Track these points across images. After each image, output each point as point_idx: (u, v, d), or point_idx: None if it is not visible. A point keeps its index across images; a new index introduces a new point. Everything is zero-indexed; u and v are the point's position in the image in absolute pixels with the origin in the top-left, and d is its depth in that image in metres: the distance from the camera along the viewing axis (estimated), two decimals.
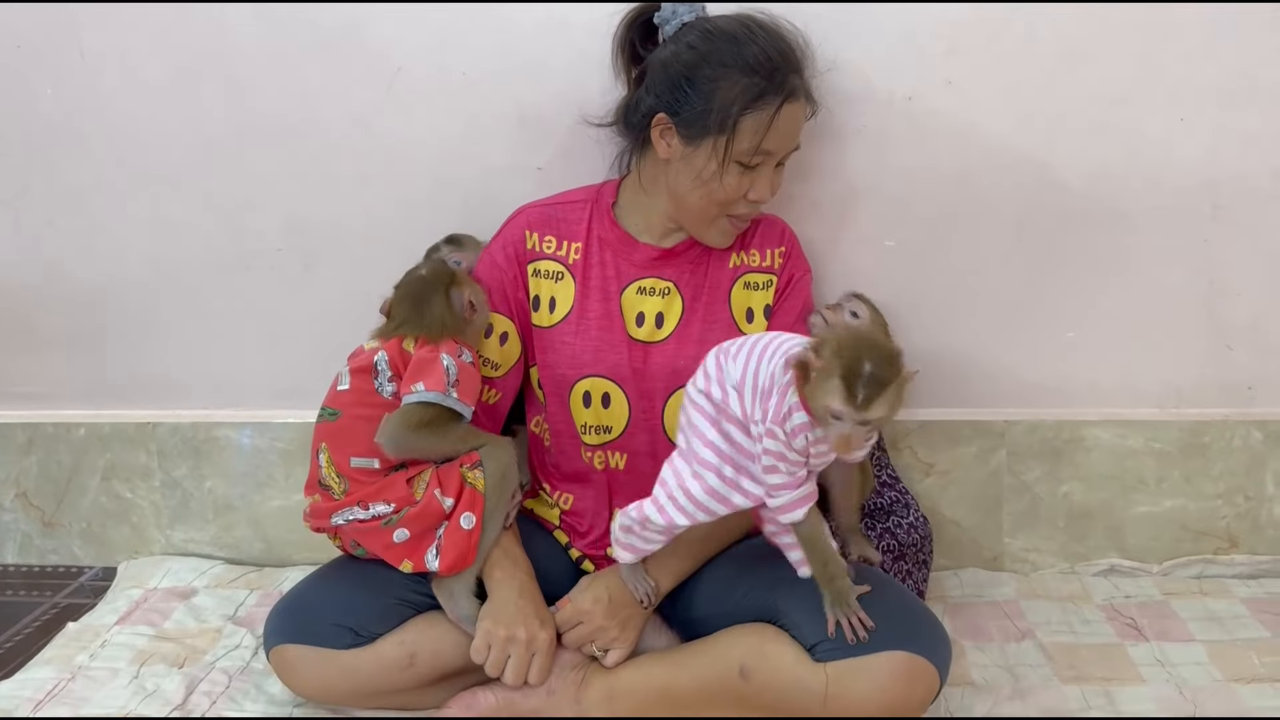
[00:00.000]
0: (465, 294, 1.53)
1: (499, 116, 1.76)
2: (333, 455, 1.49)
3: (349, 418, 1.49)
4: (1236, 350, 1.78)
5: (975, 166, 1.72)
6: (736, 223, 1.56)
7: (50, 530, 2.04)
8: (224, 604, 1.82)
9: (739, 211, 1.53)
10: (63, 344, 1.97)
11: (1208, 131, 1.69)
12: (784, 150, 1.51)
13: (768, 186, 1.51)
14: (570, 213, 1.62)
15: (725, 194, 1.50)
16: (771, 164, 1.50)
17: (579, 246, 1.60)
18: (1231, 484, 1.80)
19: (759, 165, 1.49)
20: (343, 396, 1.51)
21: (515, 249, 1.61)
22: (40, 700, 1.55)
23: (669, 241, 1.59)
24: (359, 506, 1.47)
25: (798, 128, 1.51)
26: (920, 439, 1.83)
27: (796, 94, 1.48)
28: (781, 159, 1.52)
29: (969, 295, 1.78)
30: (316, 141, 1.80)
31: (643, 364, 1.57)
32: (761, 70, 1.45)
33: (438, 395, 1.46)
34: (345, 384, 1.52)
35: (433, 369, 1.47)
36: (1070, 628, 1.66)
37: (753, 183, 1.50)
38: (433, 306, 1.52)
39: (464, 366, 1.50)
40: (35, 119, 1.85)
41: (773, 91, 1.45)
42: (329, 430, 1.50)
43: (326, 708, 1.51)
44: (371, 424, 1.48)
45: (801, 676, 1.31)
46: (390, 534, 1.46)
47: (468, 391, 1.49)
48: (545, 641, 1.42)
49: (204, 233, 1.87)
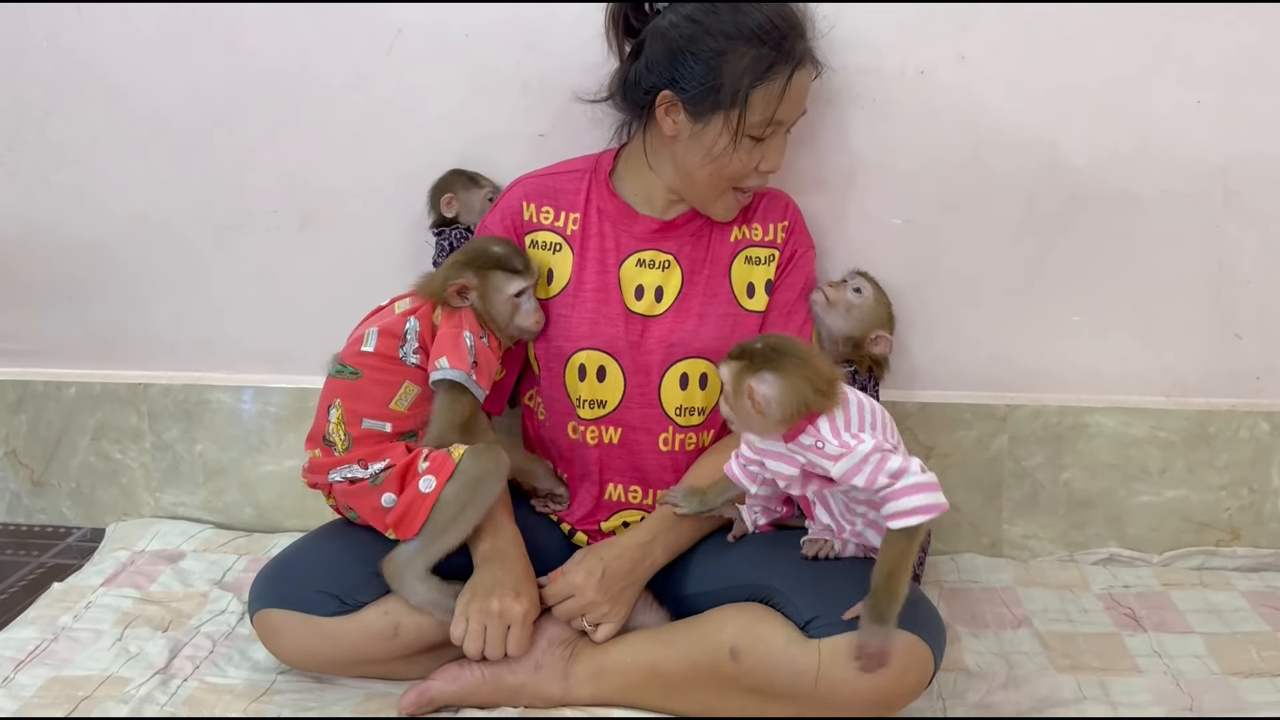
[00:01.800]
0: (463, 282, 1.49)
1: (501, 81, 1.72)
2: (345, 413, 1.47)
3: (369, 380, 1.47)
4: (1245, 339, 1.75)
5: (985, 145, 1.68)
6: (743, 196, 1.54)
7: (39, 490, 2.02)
8: (212, 568, 1.80)
9: (749, 184, 1.51)
10: (54, 301, 1.94)
11: (1221, 115, 1.65)
12: (795, 118, 1.49)
13: (778, 155, 1.49)
14: (568, 183, 1.59)
15: (736, 168, 1.47)
16: (782, 133, 1.49)
17: (577, 217, 1.57)
18: (1236, 475, 1.77)
19: (770, 136, 1.46)
20: (367, 358, 1.48)
21: (512, 220, 1.58)
22: (22, 660, 1.54)
23: (670, 214, 1.57)
24: (359, 465, 1.45)
25: (806, 93, 1.49)
26: (920, 421, 1.80)
27: (805, 60, 1.45)
28: (790, 126, 1.49)
29: (974, 276, 1.75)
30: (315, 101, 1.77)
31: (640, 337, 1.54)
32: (769, 39, 1.41)
33: (461, 375, 1.44)
34: (370, 345, 1.48)
35: (457, 346, 1.46)
36: (1067, 616, 1.63)
37: (764, 154, 1.48)
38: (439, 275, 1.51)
39: (483, 348, 1.48)
40: (29, 72, 1.82)
41: (782, 61, 1.42)
42: (346, 388, 1.47)
43: (310, 675, 1.49)
44: (390, 389, 1.46)
45: (793, 657, 1.29)
46: (378, 495, 1.44)
47: (485, 374, 1.48)
48: (519, 614, 1.38)
49: (198, 191, 1.85)
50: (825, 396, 1.28)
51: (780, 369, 1.27)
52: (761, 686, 1.32)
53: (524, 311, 1.52)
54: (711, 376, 1.55)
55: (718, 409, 1.55)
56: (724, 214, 1.55)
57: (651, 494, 1.56)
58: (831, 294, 1.61)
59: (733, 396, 1.30)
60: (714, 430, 1.57)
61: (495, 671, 1.42)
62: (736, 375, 1.29)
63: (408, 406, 1.47)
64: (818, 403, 1.28)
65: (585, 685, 1.41)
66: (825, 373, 1.30)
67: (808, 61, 1.46)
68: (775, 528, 1.51)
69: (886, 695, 1.29)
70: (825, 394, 1.28)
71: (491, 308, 1.51)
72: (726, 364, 1.31)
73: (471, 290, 1.50)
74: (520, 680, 1.41)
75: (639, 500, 1.56)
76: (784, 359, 1.28)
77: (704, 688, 1.36)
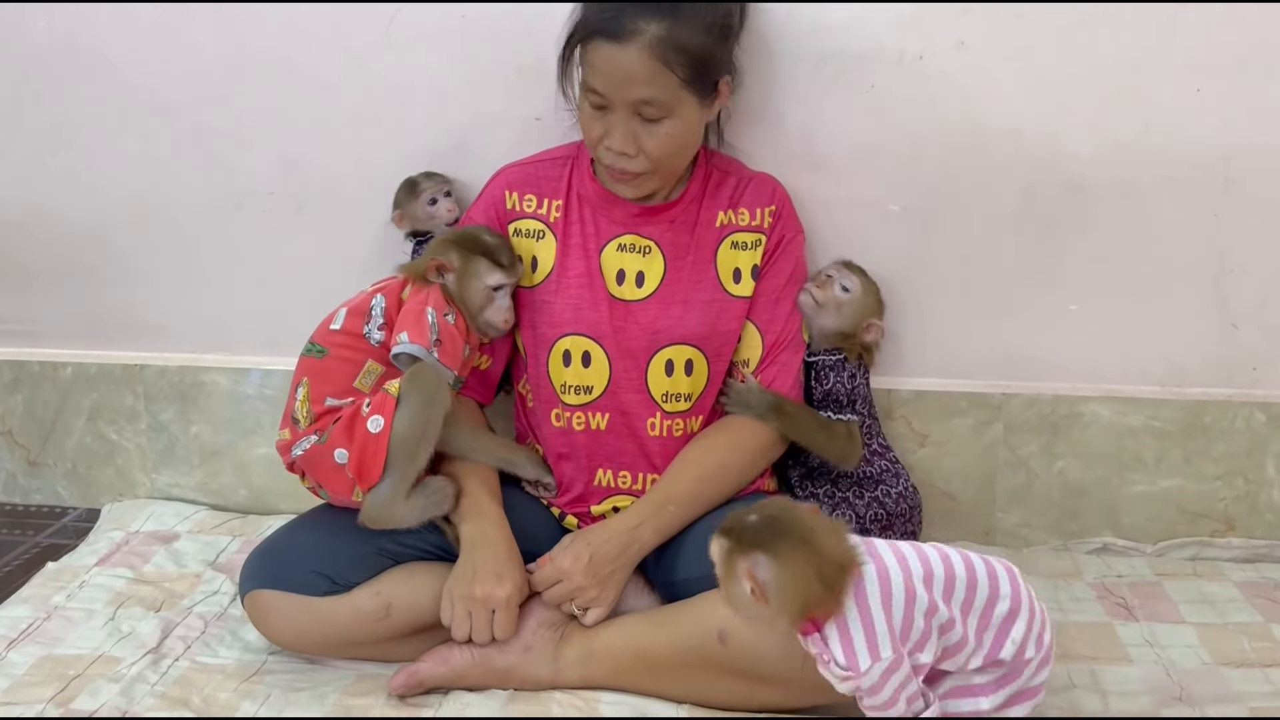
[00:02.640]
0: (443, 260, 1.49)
1: (498, 63, 1.72)
2: (310, 390, 1.47)
3: (334, 358, 1.48)
4: (1242, 329, 1.74)
5: (984, 131, 1.67)
6: (614, 173, 1.49)
7: (34, 469, 2.02)
8: (205, 549, 1.80)
9: (604, 160, 1.47)
10: (50, 281, 1.94)
11: (1223, 103, 1.64)
12: (613, 95, 1.40)
13: (619, 136, 1.43)
14: (550, 170, 1.59)
15: (585, 131, 1.47)
16: (620, 112, 1.42)
17: (559, 204, 1.56)
18: (1231, 466, 1.77)
19: (606, 109, 1.42)
20: (334, 336, 1.49)
21: (496, 210, 1.58)
22: (14, 639, 1.54)
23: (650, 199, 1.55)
24: (316, 435, 1.45)
25: (619, 72, 1.39)
26: (915, 409, 1.79)
27: (614, 33, 1.38)
28: (641, 112, 1.41)
29: (971, 263, 1.74)
30: (312, 81, 1.77)
31: (624, 322, 1.54)
32: (598, 4, 1.41)
33: (420, 350, 1.43)
34: (339, 323, 1.49)
35: (418, 321, 1.45)
36: (1059, 605, 1.63)
37: (607, 129, 1.44)
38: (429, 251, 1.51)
39: (447, 326, 1.47)
40: (26, 51, 1.81)
41: (589, 26, 1.41)
42: (313, 366, 1.48)
43: (302, 657, 1.50)
44: (354, 366, 1.47)
45: (780, 642, 1.29)
46: (330, 453, 1.43)
47: (450, 353, 1.46)
48: (503, 598, 1.38)
49: (195, 172, 1.84)
50: (832, 593, 1.11)
51: (776, 553, 1.11)
52: (750, 670, 1.33)
53: (496, 306, 1.51)
54: (697, 363, 1.54)
55: (705, 395, 1.56)
56: (611, 187, 1.53)
57: (641, 478, 1.55)
58: (819, 295, 1.60)
59: (725, 581, 1.14)
60: (703, 416, 1.57)
61: (485, 654, 1.42)
62: (726, 556, 1.13)
63: (371, 385, 1.47)
64: (822, 603, 1.12)
65: (574, 668, 1.41)
66: (834, 555, 1.12)
67: (628, 39, 1.37)
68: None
69: None
70: (832, 588, 1.11)
71: (466, 293, 1.50)
72: (716, 540, 1.15)
73: (450, 271, 1.49)
74: (510, 663, 1.42)
75: (628, 485, 1.56)
76: (782, 540, 1.11)
77: (693, 671, 1.36)
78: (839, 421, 1.60)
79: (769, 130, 1.68)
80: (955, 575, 1.18)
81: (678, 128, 1.44)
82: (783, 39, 1.64)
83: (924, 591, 1.16)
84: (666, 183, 1.53)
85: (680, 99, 1.42)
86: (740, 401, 1.56)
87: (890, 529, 1.62)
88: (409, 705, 1.40)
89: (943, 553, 1.21)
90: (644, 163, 1.45)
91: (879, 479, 1.63)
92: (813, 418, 1.59)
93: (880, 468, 1.64)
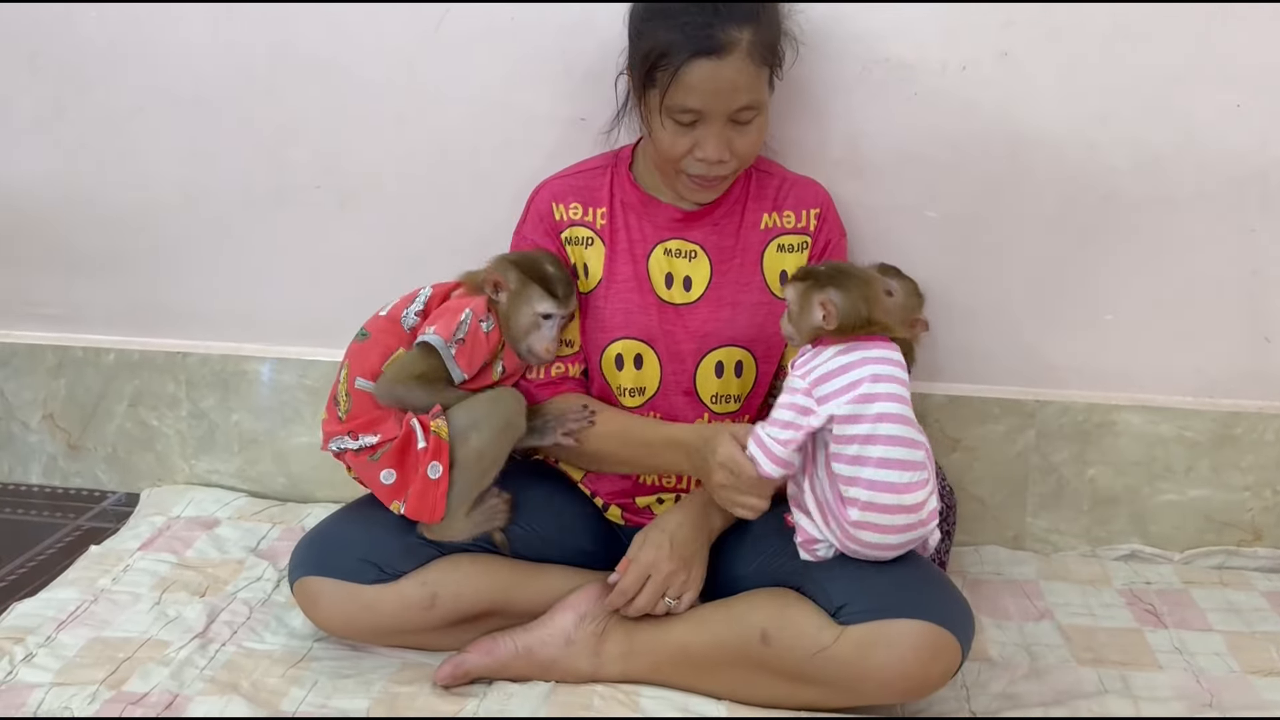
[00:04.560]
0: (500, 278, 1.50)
1: (545, 64, 1.73)
2: (349, 372, 1.50)
3: (373, 341, 1.50)
4: (1275, 342, 1.76)
5: (1024, 141, 1.69)
6: (699, 181, 1.49)
7: (75, 453, 2.05)
8: (247, 536, 1.83)
9: (693, 171, 1.47)
10: (94, 268, 1.97)
11: (1262, 118, 1.66)
12: (713, 108, 1.41)
13: (713, 146, 1.43)
14: (591, 180, 1.60)
15: (667, 149, 1.46)
16: (714, 122, 1.42)
17: (604, 211, 1.58)
18: (1260, 477, 1.79)
19: (697, 123, 1.43)
20: (378, 321, 1.52)
21: (546, 224, 1.58)
22: (63, 620, 1.57)
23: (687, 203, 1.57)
24: (349, 436, 1.47)
25: (723, 85, 1.39)
26: (949, 414, 1.82)
27: (713, 49, 1.38)
28: (736, 117, 1.43)
29: (1008, 271, 1.76)
30: (359, 78, 1.79)
31: (674, 325, 1.56)
32: (678, 21, 1.40)
33: (439, 341, 1.44)
34: (386, 310, 1.53)
35: (451, 318, 1.46)
36: (1089, 610, 1.66)
37: (696, 141, 1.44)
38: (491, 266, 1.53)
39: (477, 330, 1.47)
40: (75, 40, 1.84)
41: (679, 47, 1.39)
42: (356, 350, 1.51)
43: (347, 644, 1.52)
44: (386, 351, 1.49)
45: (823, 643, 1.31)
46: (378, 471, 1.46)
47: (469, 356, 1.46)
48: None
49: (240, 164, 1.87)
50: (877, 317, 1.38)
51: (844, 286, 1.37)
52: (790, 670, 1.35)
53: (541, 335, 1.51)
54: (747, 364, 1.56)
55: (753, 395, 1.58)
56: (687, 195, 1.53)
57: (686, 479, 1.58)
58: None
59: (800, 314, 1.39)
60: (750, 417, 1.59)
61: (528, 646, 1.45)
62: (804, 292, 1.38)
63: None
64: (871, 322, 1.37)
65: (615, 663, 1.44)
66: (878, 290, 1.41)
67: (722, 51, 1.37)
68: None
69: (913, 683, 1.31)
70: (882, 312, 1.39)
71: (515, 315, 1.51)
72: (791, 285, 1.40)
73: (504, 291, 1.50)
74: (552, 655, 1.44)
75: (673, 484, 1.58)
76: (847, 277, 1.39)
77: (733, 669, 1.39)
78: None
79: (814, 135, 1.70)
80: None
81: (763, 121, 1.48)
82: (828, 44, 1.66)
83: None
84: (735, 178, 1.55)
85: (765, 93, 1.46)
86: None
87: None
88: (454, 694, 1.43)
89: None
90: (734, 165, 1.48)
91: None
92: None
93: None
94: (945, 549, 1.70)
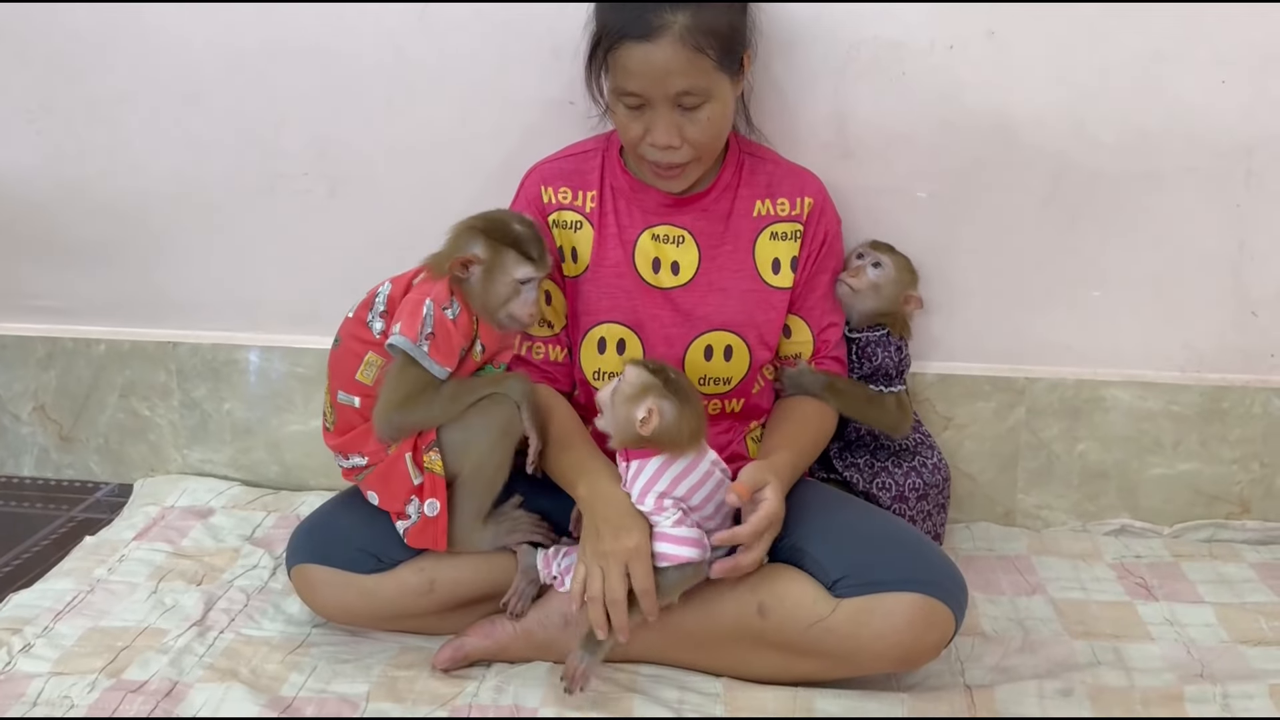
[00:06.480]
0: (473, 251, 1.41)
1: (531, 47, 1.73)
2: (330, 384, 1.48)
3: (343, 349, 1.46)
4: (1261, 317, 1.77)
5: (1011, 120, 1.70)
6: (656, 169, 1.49)
7: (67, 445, 2.05)
8: (241, 525, 1.83)
9: (650, 157, 1.47)
10: (84, 258, 1.96)
11: (1247, 95, 1.67)
12: (651, 92, 1.41)
13: (661, 131, 1.43)
14: (582, 163, 1.60)
15: (623, 134, 1.48)
16: (659, 106, 1.42)
17: (594, 195, 1.58)
18: (1248, 450, 1.80)
19: (644, 108, 1.43)
20: (346, 324, 1.47)
21: (535, 205, 1.59)
22: (60, 611, 1.57)
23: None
24: (341, 455, 1.47)
25: (655, 68, 1.38)
26: (939, 392, 1.83)
27: (644, 32, 1.37)
28: (681, 103, 1.41)
29: (996, 249, 1.77)
30: (347, 64, 1.78)
31: (661, 309, 1.56)
32: (618, 4, 1.41)
33: (408, 344, 1.37)
34: (352, 311, 1.48)
35: (414, 312, 1.38)
36: (1081, 584, 1.67)
37: (647, 126, 1.44)
38: (449, 238, 1.45)
39: (443, 320, 1.38)
40: (62, 28, 1.82)
41: (614, 29, 1.40)
42: (332, 358, 1.48)
43: (345, 629, 1.53)
44: (356, 359, 1.43)
45: (819, 615, 1.33)
46: (366, 490, 1.47)
47: (443, 348, 1.38)
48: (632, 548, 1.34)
49: (229, 152, 1.86)
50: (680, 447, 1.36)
51: (683, 406, 1.35)
52: (787, 643, 1.36)
53: (523, 300, 1.43)
54: (737, 348, 1.57)
55: (746, 380, 1.58)
56: (654, 183, 1.53)
57: None
58: (854, 282, 1.63)
59: (625, 401, 1.35)
60: (744, 399, 1.60)
61: (527, 627, 1.45)
62: (643, 386, 1.35)
63: (373, 379, 1.42)
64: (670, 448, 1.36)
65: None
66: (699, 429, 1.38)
67: (655, 35, 1.37)
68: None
69: (908, 653, 1.34)
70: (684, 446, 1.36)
71: (492, 285, 1.41)
72: (635, 368, 1.37)
73: (476, 266, 1.41)
74: (551, 636, 1.45)
75: None
76: (688, 403, 1.36)
77: (731, 644, 1.40)
78: (889, 394, 1.65)
79: (801, 117, 1.71)
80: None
81: (717, 110, 1.45)
82: (816, 25, 1.67)
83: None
84: (707, 168, 1.54)
85: (715, 81, 1.43)
86: (796, 384, 1.60)
87: (925, 499, 1.67)
88: (453, 676, 1.43)
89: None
90: (689, 152, 1.46)
91: (915, 450, 1.69)
92: (864, 392, 1.65)
93: (915, 440, 1.69)
94: (941, 521, 1.72)
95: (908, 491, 1.65)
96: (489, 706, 1.37)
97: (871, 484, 1.65)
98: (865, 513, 1.50)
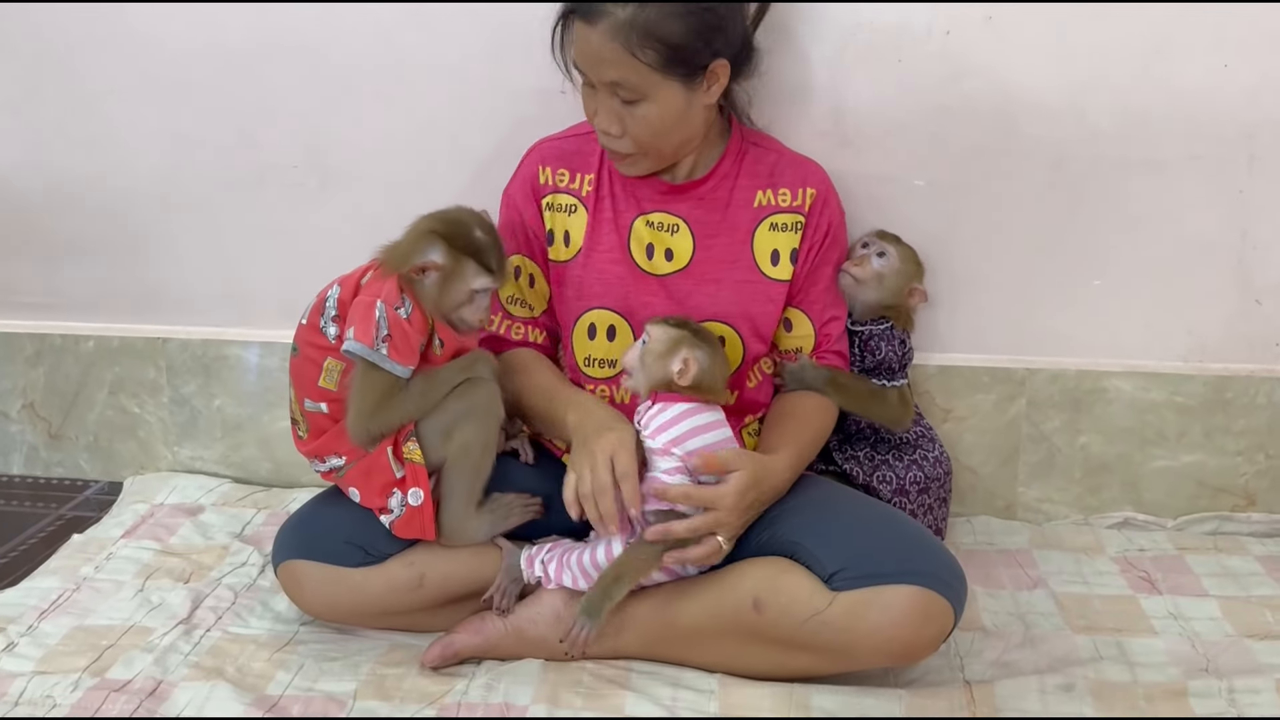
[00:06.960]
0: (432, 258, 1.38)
1: (521, 36, 1.70)
2: (295, 392, 1.46)
3: (303, 357, 1.44)
4: (1265, 305, 1.75)
5: (1011, 106, 1.67)
6: (612, 156, 1.49)
7: (56, 442, 2.03)
8: (231, 522, 1.81)
9: (600, 139, 1.47)
10: (71, 253, 1.94)
11: (1250, 79, 1.64)
12: (588, 73, 1.40)
13: (602, 114, 1.42)
14: (584, 145, 1.58)
15: (585, 109, 1.46)
16: (601, 92, 1.41)
17: (591, 178, 1.56)
18: (1253, 441, 1.78)
19: (593, 88, 1.42)
20: (300, 331, 1.45)
21: (531, 185, 1.57)
22: (45, 609, 1.55)
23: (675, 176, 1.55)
24: (317, 459, 1.45)
25: (589, 51, 1.37)
26: (939, 384, 1.80)
27: (585, 13, 1.36)
28: (618, 94, 1.39)
29: (996, 238, 1.74)
30: (337, 56, 1.76)
31: (654, 296, 1.54)
32: None
33: (364, 349, 1.35)
34: (305, 317, 1.45)
35: (366, 316, 1.36)
36: (1083, 578, 1.64)
37: (596, 107, 1.43)
38: (408, 237, 1.42)
39: (397, 320, 1.36)
40: (48, 19, 1.80)
41: (568, 6, 1.39)
42: (293, 366, 1.46)
43: (333, 627, 1.51)
44: (316, 366, 1.42)
45: (816, 609, 1.30)
46: (346, 488, 1.45)
47: (401, 348, 1.37)
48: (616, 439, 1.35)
49: (218, 145, 1.84)
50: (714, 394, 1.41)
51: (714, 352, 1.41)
52: (783, 637, 1.34)
53: (475, 306, 1.42)
54: (730, 340, 1.53)
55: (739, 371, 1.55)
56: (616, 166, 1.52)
57: None
58: (858, 272, 1.61)
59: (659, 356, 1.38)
60: (737, 392, 1.57)
61: (517, 624, 1.43)
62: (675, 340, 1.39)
63: (336, 384, 1.41)
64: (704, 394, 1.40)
65: (606, 639, 1.42)
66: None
67: (598, 20, 1.35)
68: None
69: (907, 647, 1.31)
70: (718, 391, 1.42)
71: (447, 292, 1.40)
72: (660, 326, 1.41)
73: (435, 272, 1.39)
74: (542, 633, 1.43)
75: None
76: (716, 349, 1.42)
77: (726, 639, 1.38)
78: (891, 388, 1.62)
79: (799, 106, 1.68)
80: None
81: (655, 111, 1.40)
82: (812, 11, 1.64)
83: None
84: (660, 164, 1.50)
85: (653, 83, 1.38)
86: (797, 379, 1.58)
87: (926, 492, 1.64)
88: (443, 674, 1.41)
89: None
90: (629, 144, 1.44)
91: (916, 444, 1.66)
92: (866, 387, 1.62)
93: (916, 433, 1.67)
94: (943, 515, 1.69)
95: (908, 485, 1.62)
96: (479, 705, 1.35)
97: (872, 477, 1.63)
98: (862, 504, 1.47)
